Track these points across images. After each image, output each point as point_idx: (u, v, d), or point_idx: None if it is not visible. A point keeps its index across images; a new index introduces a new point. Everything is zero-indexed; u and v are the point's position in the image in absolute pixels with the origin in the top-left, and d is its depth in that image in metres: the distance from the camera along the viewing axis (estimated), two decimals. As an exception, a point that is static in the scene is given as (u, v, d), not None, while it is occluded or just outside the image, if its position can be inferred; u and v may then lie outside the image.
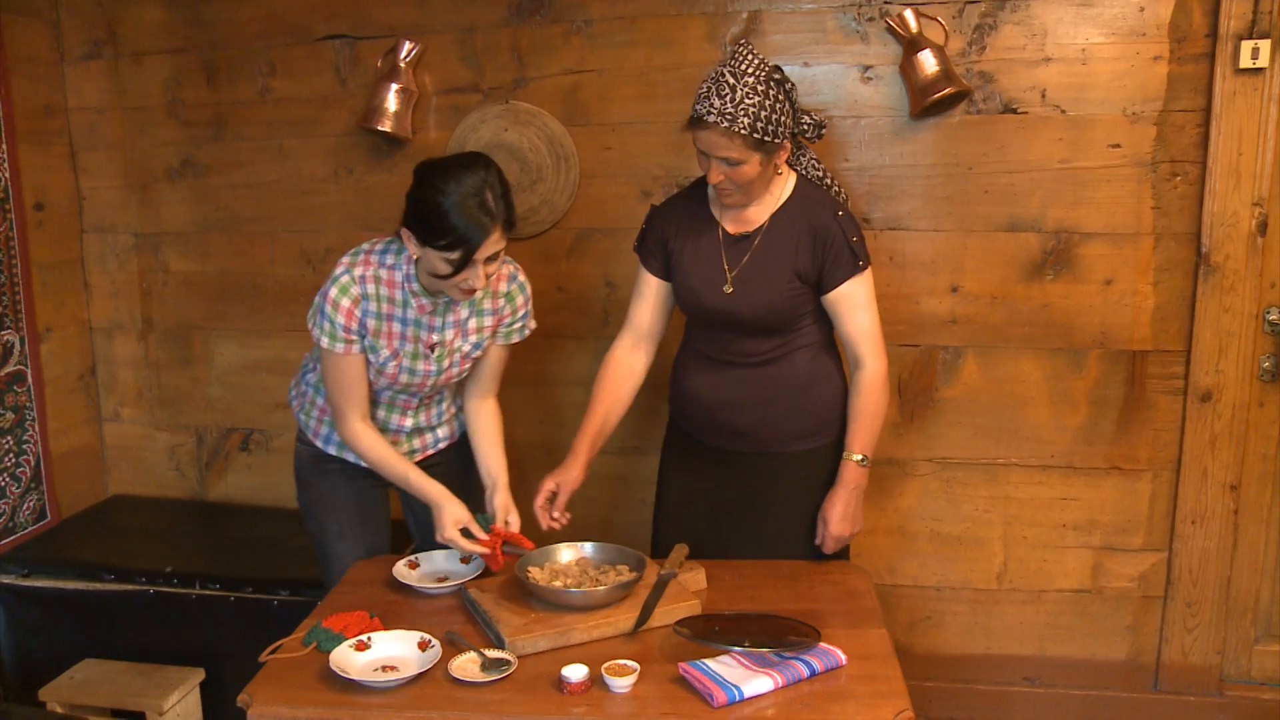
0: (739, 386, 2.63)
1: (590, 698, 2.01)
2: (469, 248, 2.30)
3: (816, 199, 2.59)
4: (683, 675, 2.06)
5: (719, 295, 2.58)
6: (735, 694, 1.99)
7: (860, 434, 2.61)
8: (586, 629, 2.21)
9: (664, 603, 2.30)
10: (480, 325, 2.59)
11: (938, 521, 3.31)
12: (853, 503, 2.60)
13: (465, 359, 2.61)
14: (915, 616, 3.38)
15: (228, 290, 3.62)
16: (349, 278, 2.45)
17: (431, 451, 2.75)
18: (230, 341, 3.66)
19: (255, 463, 3.73)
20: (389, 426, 2.67)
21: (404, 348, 2.53)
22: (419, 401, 2.67)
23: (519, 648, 2.15)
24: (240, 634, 3.14)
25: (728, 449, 2.68)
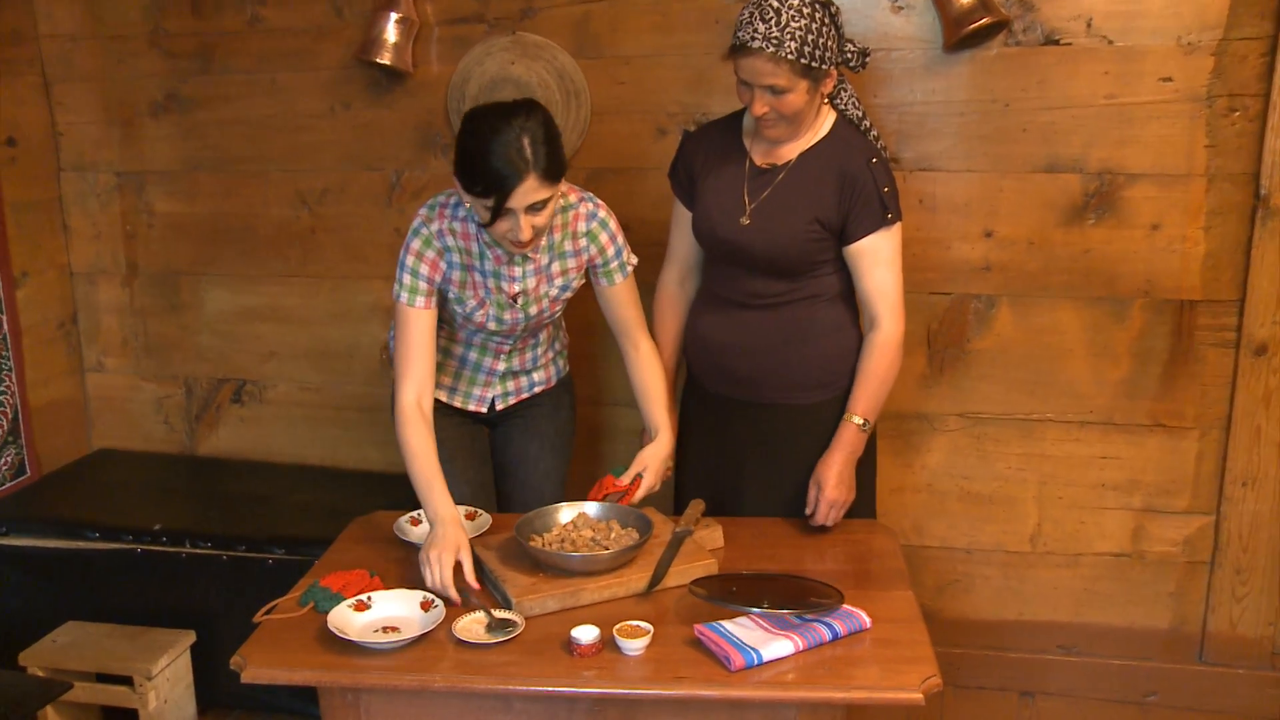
0: (745, 330, 2.66)
1: (601, 660, 2.05)
2: (501, 194, 2.36)
3: (852, 142, 2.60)
4: (698, 638, 2.09)
5: (735, 227, 2.60)
6: (753, 657, 2.02)
7: (865, 396, 2.63)
8: (597, 589, 2.25)
9: (679, 561, 2.34)
10: (564, 268, 2.65)
11: (968, 480, 3.34)
12: (850, 467, 2.63)
13: (555, 302, 2.69)
14: (943, 579, 3.41)
15: (218, 233, 3.65)
16: (428, 231, 2.55)
17: (526, 395, 2.86)
18: (221, 287, 3.69)
19: (248, 415, 3.77)
20: (481, 369, 2.78)
21: (489, 297, 2.62)
22: (512, 345, 2.76)
23: (527, 608, 2.20)
24: (233, 594, 3.19)
25: (734, 397, 2.72)
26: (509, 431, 2.91)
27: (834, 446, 2.62)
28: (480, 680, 2.02)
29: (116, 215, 3.72)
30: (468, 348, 2.76)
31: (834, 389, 2.67)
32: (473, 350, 2.77)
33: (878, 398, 2.64)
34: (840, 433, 2.63)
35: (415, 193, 3.46)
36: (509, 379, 2.83)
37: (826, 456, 2.61)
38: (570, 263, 2.66)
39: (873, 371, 2.62)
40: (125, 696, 3.08)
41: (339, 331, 3.64)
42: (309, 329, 3.66)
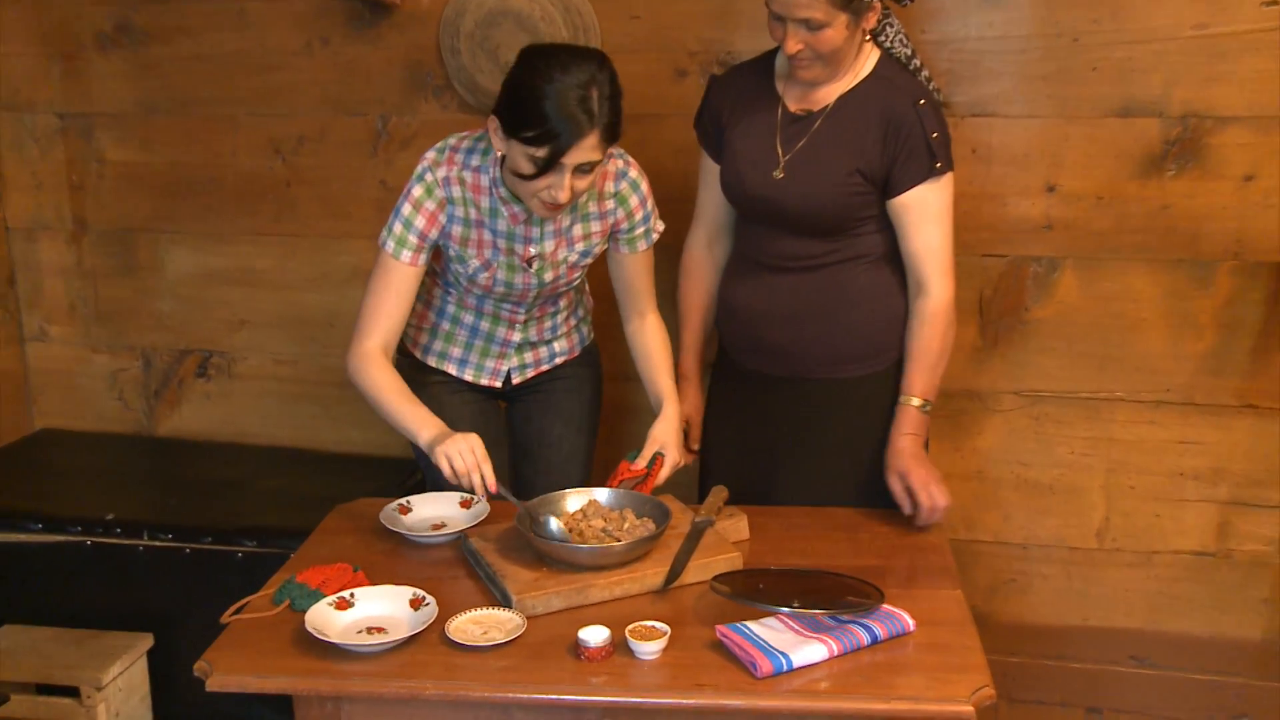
0: (780, 296, 2.71)
1: (612, 665, 2.09)
2: (558, 145, 2.39)
3: (897, 82, 2.62)
4: (721, 640, 2.12)
5: (766, 181, 2.64)
6: (783, 662, 2.05)
7: (921, 374, 2.67)
8: (607, 585, 2.30)
9: (699, 555, 2.38)
10: (587, 232, 2.70)
11: (1025, 466, 3.37)
12: (922, 449, 2.67)
13: (573, 269, 2.74)
14: (997, 579, 3.45)
15: (179, 185, 3.68)
16: (433, 178, 2.58)
17: (547, 367, 2.91)
18: (183, 247, 3.73)
19: (215, 391, 3.82)
20: (494, 339, 2.83)
21: (497, 259, 2.66)
22: (526, 313, 2.81)
23: (528, 607, 2.24)
24: (197, 592, 3.21)
25: (769, 373, 2.77)
26: (527, 408, 2.97)
27: (898, 433, 2.66)
28: (477, 687, 2.05)
29: (60, 163, 3.74)
30: (478, 316, 2.81)
31: (881, 361, 2.72)
32: (484, 319, 2.81)
33: (935, 374, 2.68)
34: (900, 419, 2.67)
35: (404, 141, 3.50)
36: (526, 350, 2.88)
37: (894, 444, 2.66)
38: (594, 226, 2.70)
39: (927, 345, 2.66)
40: (71, 710, 3.08)
41: (318, 297, 3.68)
42: (284, 294, 3.71)
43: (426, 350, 2.87)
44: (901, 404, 2.68)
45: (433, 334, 2.86)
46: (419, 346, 2.88)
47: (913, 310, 2.68)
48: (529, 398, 2.95)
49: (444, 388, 2.85)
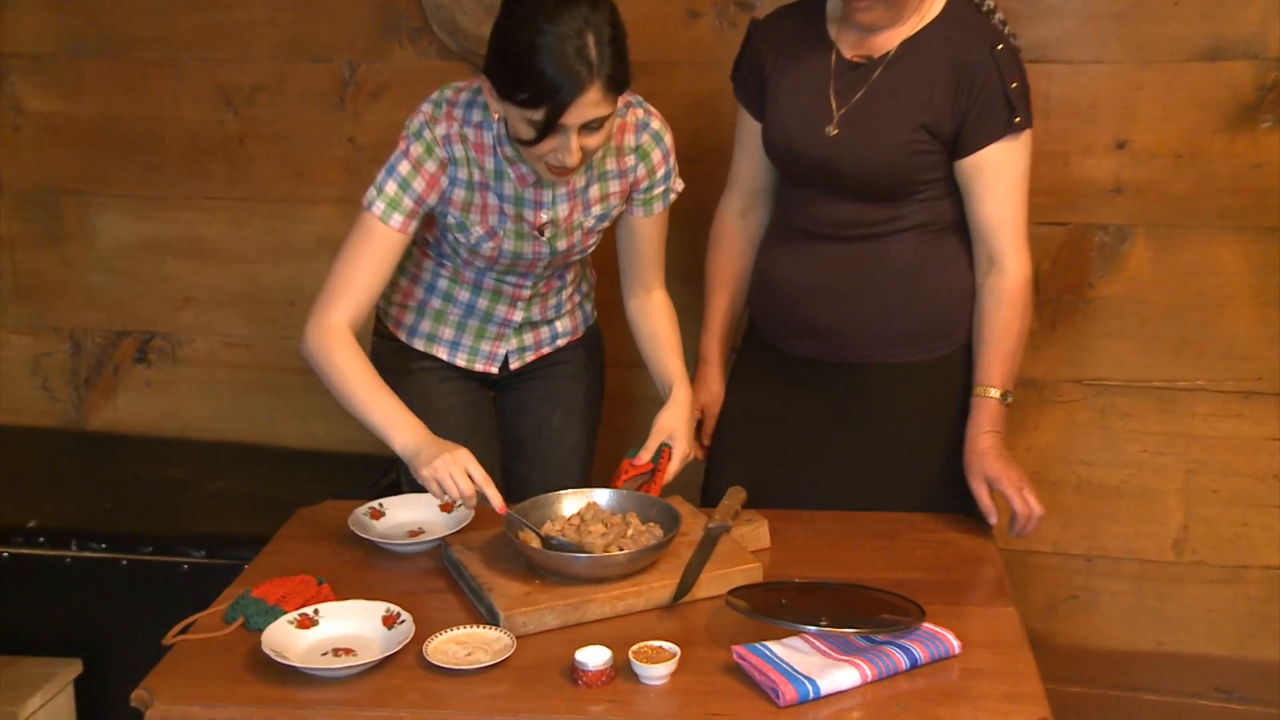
0: (830, 269, 2.72)
1: (613, 691, 2.10)
2: (556, 104, 2.39)
3: (970, 24, 2.63)
4: (738, 663, 2.14)
5: (818, 139, 2.65)
6: (808, 689, 2.06)
7: (1000, 361, 2.69)
8: (608, 600, 2.32)
9: (713, 565, 2.40)
10: (605, 193, 2.72)
11: (1089, 466, 3.39)
12: (1004, 446, 2.69)
13: (589, 235, 2.76)
14: (1057, 595, 3.47)
15: (112, 141, 3.70)
16: (431, 135, 2.58)
17: (548, 349, 2.95)
18: (117, 212, 3.75)
19: (157, 378, 3.85)
20: (492, 319, 2.86)
21: (503, 226, 2.68)
22: (532, 288, 2.84)
23: (518, 625, 2.25)
24: (135, 610, 3.21)
25: (812, 358, 2.79)
26: (524, 397, 3.00)
27: (978, 430, 2.68)
28: (459, 716, 2.07)
29: (-33, 113, 3.75)
30: (476, 292, 2.83)
31: (947, 344, 2.75)
32: (482, 296, 2.84)
33: (1015, 362, 2.70)
34: (978, 413, 2.69)
35: (374, 92, 3.52)
36: (526, 330, 2.92)
37: (975, 443, 2.68)
38: (613, 186, 2.72)
39: (1005, 328, 2.68)
40: (-16, 746, 3.10)
41: (276, 271, 3.70)
42: (236, 268, 3.73)
43: (413, 332, 2.89)
44: (979, 396, 2.69)
45: (420, 313, 2.88)
46: (403, 328, 2.90)
47: (985, 289, 2.70)
48: (525, 385, 2.98)
49: (432, 375, 2.87)
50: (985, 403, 2.68)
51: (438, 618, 2.31)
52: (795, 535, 2.62)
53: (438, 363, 2.89)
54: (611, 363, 3.12)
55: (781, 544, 2.59)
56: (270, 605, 2.33)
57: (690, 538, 2.49)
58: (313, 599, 2.36)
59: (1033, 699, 2.08)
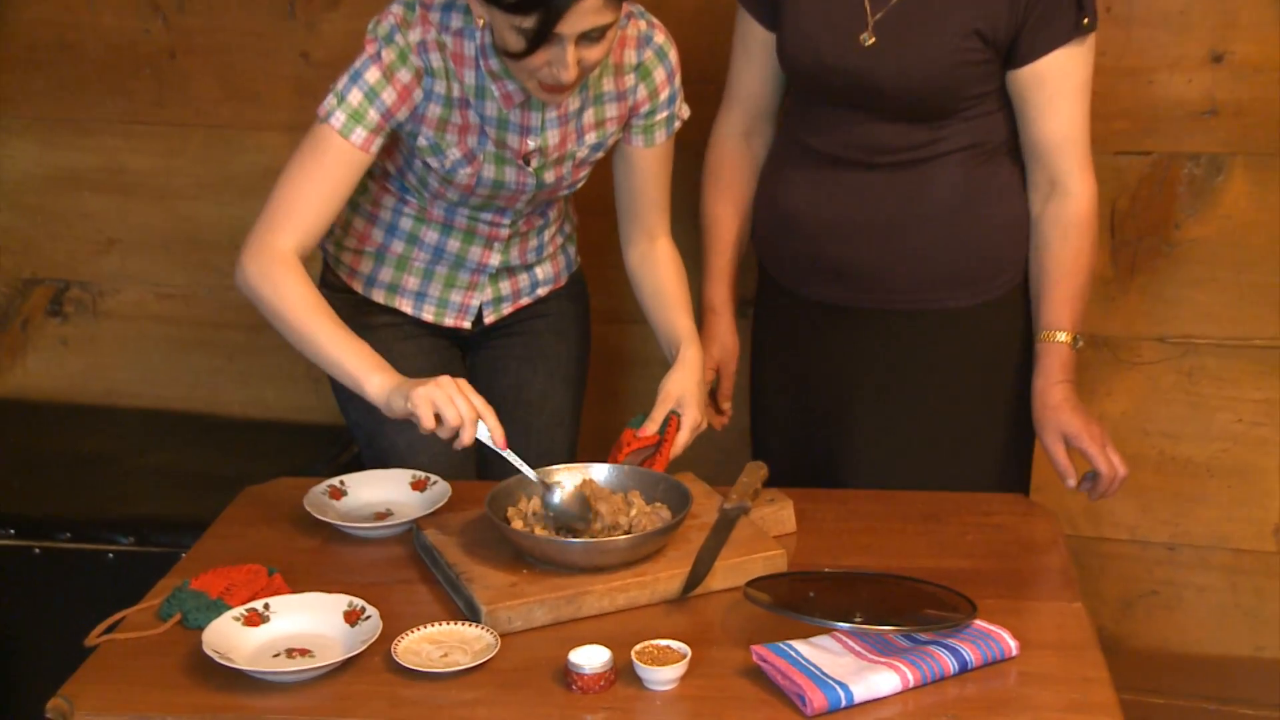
0: (862, 201, 2.73)
1: (613, 698, 2.10)
2: (550, 10, 2.38)
3: None
4: (758, 665, 2.14)
5: (851, 49, 2.65)
6: (840, 696, 2.06)
7: (1068, 300, 2.70)
8: (607, 593, 2.33)
9: (729, 553, 2.41)
10: (600, 118, 2.72)
11: (1173, 440, 3.40)
12: (1079, 398, 2.71)
13: (581, 166, 2.77)
14: (1133, 590, 3.49)
15: (16, 53, 3.68)
16: (404, 41, 2.57)
17: (528, 300, 2.96)
18: (24, 138, 3.75)
19: (75, 335, 3.85)
20: (464, 264, 2.86)
21: (483, 149, 2.67)
22: (512, 226, 2.84)
23: (503, 621, 2.26)
24: (52, 606, 3.24)
25: (842, 304, 2.80)
26: (500, 356, 3.00)
27: (1048, 380, 2.70)
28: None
29: None
30: (446, 233, 2.83)
31: (1001, 284, 2.77)
32: (453, 236, 2.84)
33: (1084, 300, 2.72)
34: (1047, 362, 2.71)
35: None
36: (503, 277, 2.92)
37: (1045, 396, 2.70)
38: (611, 110, 2.72)
39: (1072, 261, 2.70)
40: None
41: (215, 210, 3.71)
42: (169, 205, 3.74)
43: (371, 282, 2.89)
44: (1045, 342, 2.71)
45: (379, 260, 2.88)
46: (359, 278, 2.90)
47: (1047, 217, 2.72)
48: (501, 342, 2.99)
49: (394, 332, 2.87)
50: (1054, 349, 2.70)
51: (409, 613, 2.31)
52: (825, 517, 2.63)
53: (401, 317, 2.90)
54: (599, 317, 3.13)
55: (810, 527, 2.60)
56: (212, 599, 2.33)
57: (702, 520, 2.50)
58: (262, 591, 2.36)
59: (1103, 710, 2.07)
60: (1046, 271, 2.71)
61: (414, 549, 2.54)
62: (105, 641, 2.28)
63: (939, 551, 2.53)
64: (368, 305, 2.88)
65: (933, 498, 2.70)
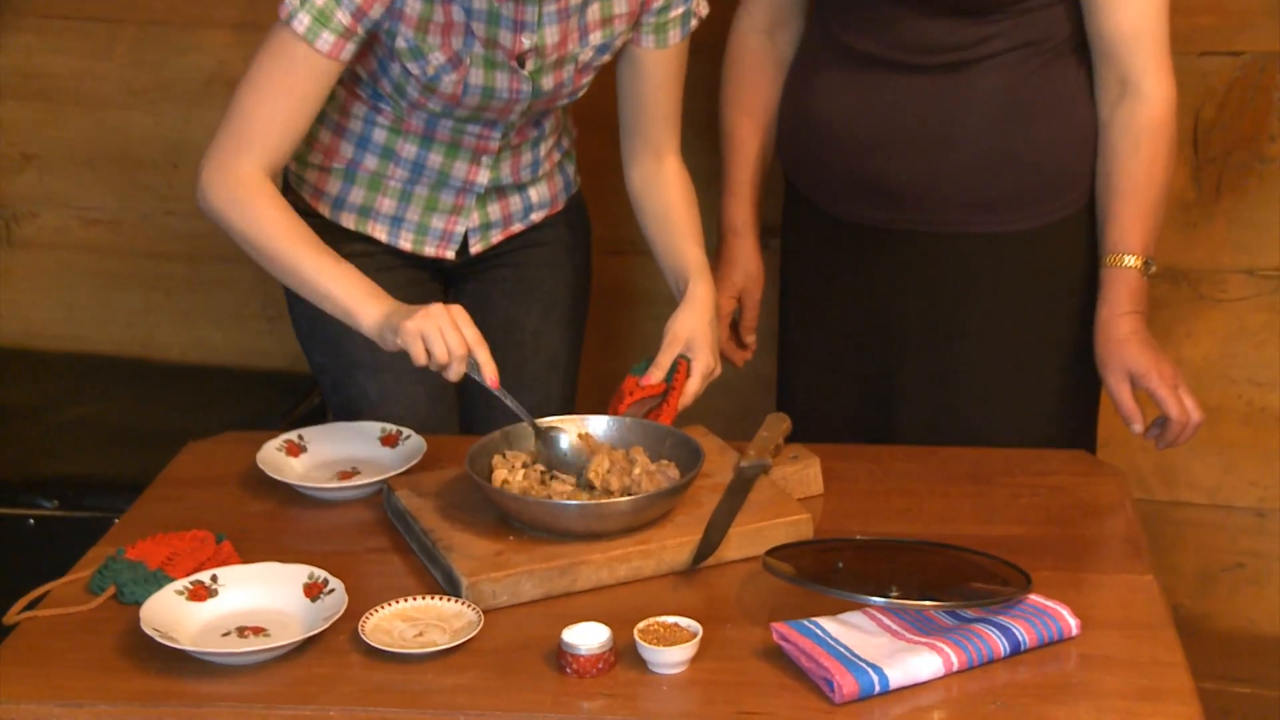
0: (905, 108, 2.74)
1: (613, 683, 2.11)
2: None
3: None
4: (780, 645, 2.15)
5: None
6: (873, 680, 2.06)
7: (1139, 218, 2.71)
8: (606, 563, 2.35)
9: (746, 518, 2.43)
10: (608, 14, 2.72)
11: (1262, 388, 3.42)
12: (1147, 330, 2.72)
13: (583, 72, 2.77)
14: (1215, 563, 3.51)
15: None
16: None
17: (520, 226, 2.96)
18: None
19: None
20: (447, 183, 2.86)
21: (470, 51, 2.66)
22: (503, 139, 2.84)
23: (487, 595, 2.28)
24: None
25: (883, 228, 2.82)
26: (487, 291, 3.02)
27: (1113, 311, 2.72)
28: (408, 715, 2.07)
29: None
30: (426, 145, 2.83)
31: (1062, 204, 2.78)
32: (435, 150, 2.83)
33: (1157, 218, 2.74)
34: (1112, 289, 2.72)
35: None
36: (493, 199, 2.92)
37: (1109, 329, 2.71)
38: (619, 5, 2.72)
39: (1145, 174, 2.71)
40: None
41: (152, 121, 3.73)
42: (96, 116, 3.75)
43: (339, 205, 2.90)
44: (1112, 267, 2.73)
45: (348, 178, 2.88)
46: (325, 199, 2.91)
47: (1117, 123, 2.73)
48: (489, 275, 3.01)
49: (366, 263, 2.81)
50: (1121, 275, 2.71)
51: (378, 586, 2.33)
52: (857, 477, 2.65)
53: (374, 246, 2.91)
54: (600, 247, 3.14)
55: (839, 488, 2.62)
56: (151, 570, 2.35)
57: (716, 480, 2.52)
58: (209, 562, 2.38)
59: (1177, 698, 2.06)
60: (1114, 186, 2.73)
61: (384, 513, 2.57)
62: (27, 619, 2.29)
63: (988, 516, 2.55)
64: (335, 232, 2.88)
65: (982, 454, 2.72)
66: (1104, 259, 2.73)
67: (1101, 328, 2.72)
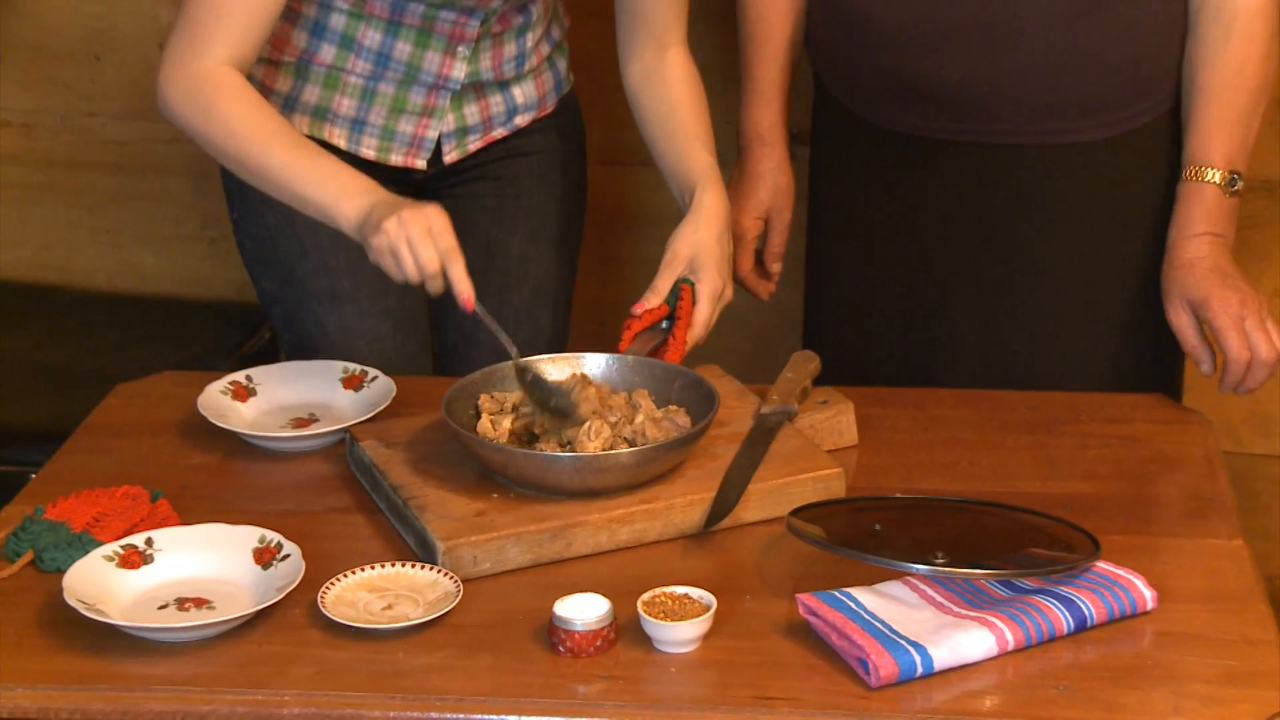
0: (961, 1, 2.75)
1: (613, 663, 2.14)
2: None
3: None
4: (806, 620, 2.18)
5: None
6: (915, 661, 2.08)
7: (1223, 125, 2.74)
8: (605, 524, 2.38)
9: (768, 472, 2.46)
10: None
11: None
12: (1231, 259, 2.74)
13: None
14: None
15: None
16: None
17: (503, 131, 2.99)
18: None
19: None
20: (417, 78, 2.86)
21: None
22: (482, 26, 2.84)
23: (466, 561, 2.31)
24: None
25: (931, 137, 2.85)
26: (465, 208, 3.00)
27: (1183, 232, 2.74)
28: (375, 701, 2.09)
29: None
30: (392, 33, 2.84)
31: (1142, 110, 2.81)
32: (402, 38, 2.84)
33: (1249, 127, 2.75)
34: (1185, 206, 2.75)
35: None
36: (470, 99, 2.93)
37: (1178, 252, 2.74)
38: None
39: (1235, 74, 2.73)
40: None
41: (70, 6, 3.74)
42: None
43: (290, 104, 2.92)
44: (1189, 181, 2.75)
45: (300, 74, 2.90)
46: (273, 97, 2.91)
47: (1204, 9, 2.73)
48: (465, 189, 3.04)
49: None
50: (1198, 190, 2.74)
51: (340, 551, 2.36)
52: (897, 425, 2.69)
53: (333, 153, 2.85)
54: (596, 157, 3.17)
55: (876, 438, 2.65)
56: (75, 533, 2.37)
57: (733, 429, 2.56)
58: (143, 523, 2.41)
59: (1269, 682, 2.07)
60: (1198, 84, 2.74)
61: (346, 466, 2.60)
62: (-70, 589, 2.31)
63: (1050, 471, 2.57)
64: None
65: (1043, 399, 2.74)
66: (1183, 171, 2.75)
67: (1170, 250, 2.75)
